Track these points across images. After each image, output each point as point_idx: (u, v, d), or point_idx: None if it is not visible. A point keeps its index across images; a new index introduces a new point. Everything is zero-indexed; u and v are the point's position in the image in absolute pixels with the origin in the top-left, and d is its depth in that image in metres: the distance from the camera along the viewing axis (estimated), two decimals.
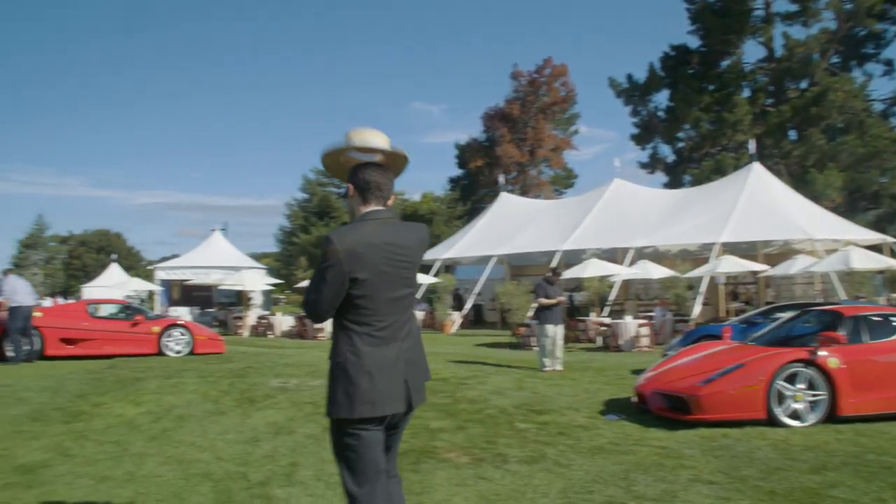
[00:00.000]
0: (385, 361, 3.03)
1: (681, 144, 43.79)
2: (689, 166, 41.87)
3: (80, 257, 74.18)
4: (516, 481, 5.35)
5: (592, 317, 21.89)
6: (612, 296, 23.92)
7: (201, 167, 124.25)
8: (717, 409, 7.12)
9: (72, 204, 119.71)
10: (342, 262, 2.96)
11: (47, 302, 32.41)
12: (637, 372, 11.61)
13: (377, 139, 3.25)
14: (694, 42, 42.10)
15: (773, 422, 7.03)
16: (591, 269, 21.78)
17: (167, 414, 7.96)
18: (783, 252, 24.38)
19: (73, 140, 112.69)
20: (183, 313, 28.33)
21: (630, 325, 18.33)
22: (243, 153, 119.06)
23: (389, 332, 3.08)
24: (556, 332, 12.31)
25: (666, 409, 7.58)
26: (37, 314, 14.01)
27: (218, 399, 8.84)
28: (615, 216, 27.61)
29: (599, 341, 19.77)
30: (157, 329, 14.79)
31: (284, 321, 25.70)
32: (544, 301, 12.32)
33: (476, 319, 31.82)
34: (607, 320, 20.33)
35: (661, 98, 44.05)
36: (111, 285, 35.23)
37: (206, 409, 8.20)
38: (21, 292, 13.50)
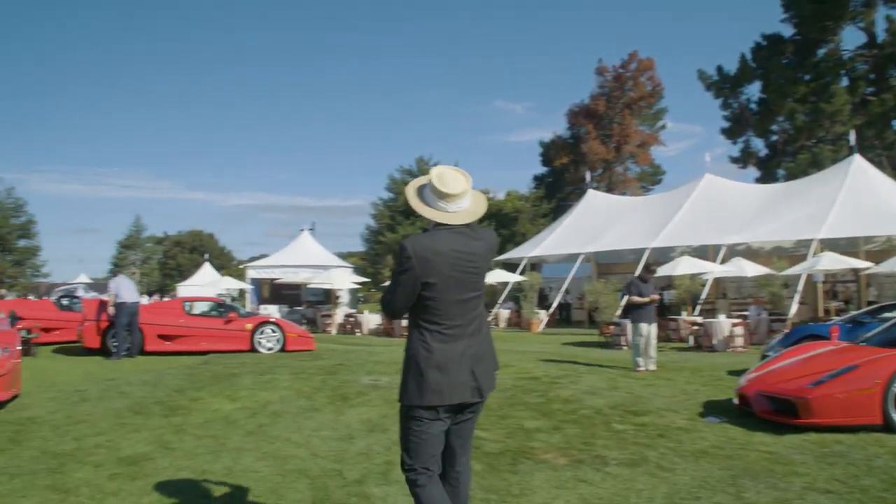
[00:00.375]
0: (453, 356, 3.31)
1: (774, 138, 42.33)
2: (783, 160, 40.36)
3: (175, 257, 76.77)
4: (618, 485, 5.16)
5: (683, 315, 21.30)
6: (704, 294, 23.28)
7: (290, 169, 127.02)
8: (828, 414, 6.73)
9: (166, 206, 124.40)
10: (415, 267, 3.25)
11: (144, 300, 33.64)
12: (734, 373, 11.22)
13: (458, 183, 3.44)
14: (788, 30, 40.56)
15: (890, 428, 6.59)
16: (683, 266, 21.20)
17: (262, 409, 8.05)
18: (887, 248, 23.18)
19: (166, 144, 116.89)
20: (272, 311, 28.95)
21: (724, 324, 17.73)
22: (330, 155, 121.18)
23: (458, 331, 3.36)
24: (649, 331, 11.98)
25: (771, 412, 7.22)
26: None
27: (311, 396, 8.91)
28: (706, 212, 26.90)
29: (691, 341, 19.21)
30: (249, 326, 15.07)
31: (371, 319, 25.94)
32: (637, 299, 12.01)
33: (562, 318, 31.56)
34: (699, 319, 19.75)
35: (753, 90, 42.77)
36: (204, 284, 36.30)
37: (299, 406, 8.27)
38: (125, 290, 13.98)
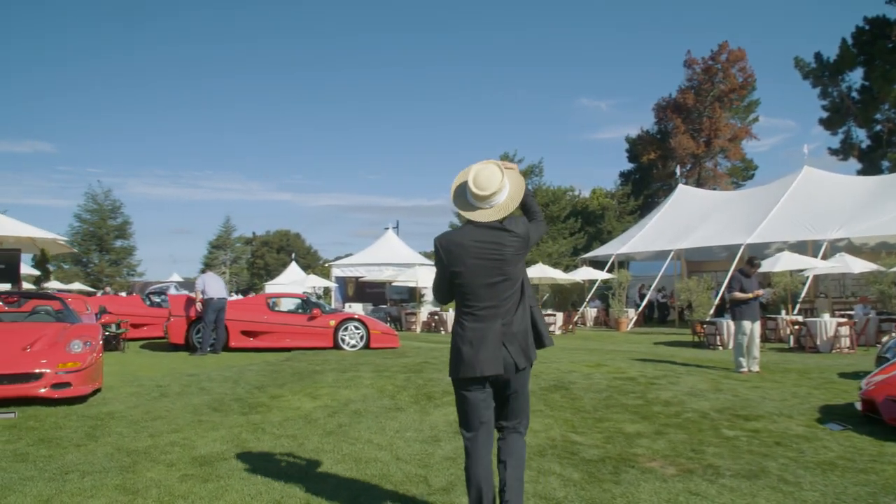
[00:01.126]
0: (486, 334, 3.64)
1: (878, 127, 40.08)
2: (889, 151, 38.17)
3: (263, 257, 78.44)
4: (737, 500, 4.54)
5: (783, 314, 20.16)
6: (805, 292, 22.05)
7: (376, 171, 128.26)
8: None
9: (255, 207, 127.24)
10: (443, 258, 3.77)
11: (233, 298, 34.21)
12: (845, 376, 10.41)
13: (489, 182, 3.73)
14: (893, 13, 38.36)
15: None
16: (783, 262, 20.05)
17: (343, 408, 7.70)
18: None
19: (257, 147, 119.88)
20: (357, 309, 28.90)
21: (829, 323, 16.62)
22: (416, 155, 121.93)
23: (490, 312, 3.68)
24: (752, 329, 11.18)
25: None
26: None
27: (394, 395, 8.53)
28: (805, 207, 25.54)
29: (791, 341, 18.12)
30: (333, 323, 14.86)
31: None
32: (739, 295, 11.20)
33: (652, 317, 30.67)
34: (800, 318, 18.64)
35: (855, 77, 40.61)
36: (290, 283, 36.69)
37: (382, 405, 7.88)
38: (211, 287, 13.97)
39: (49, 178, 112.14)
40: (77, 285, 44.82)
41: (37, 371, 7.61)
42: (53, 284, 41.44)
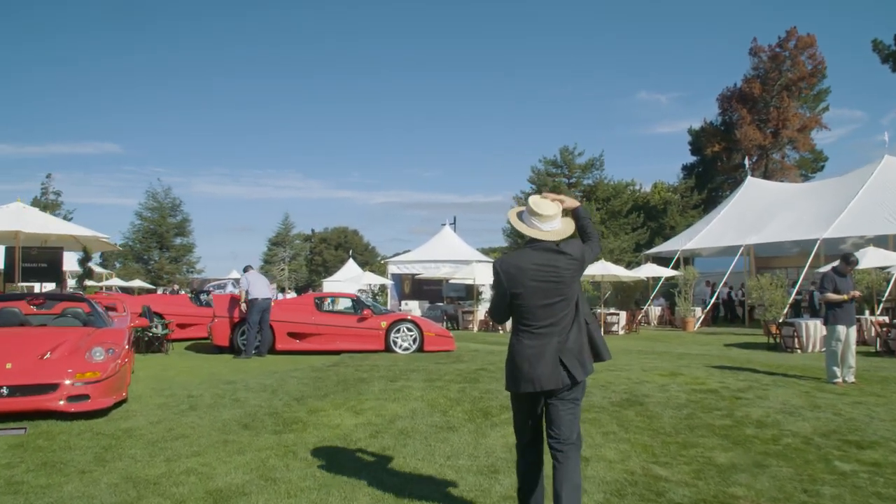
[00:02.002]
0: (544, 351, 3.76)
1: None
2: None
3: (321, 253, 78.54)
4: None
5: (867, 315, 18.70)
6: (889, 291, 20.55)
7: (434, 167, 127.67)
8: None
9: (314, 204, 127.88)
10: (503, 281, 3.90)
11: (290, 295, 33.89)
12: None
13: (547, 208, 3.98)
14: None
15: None
16: (869, 259, 18.62)
17: (388, 427, 6.82)
18: None
19: (316, 147, 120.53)
20: (413, 307, 28.15)
21: None
22: (473, 152, 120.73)
23: (547, 330, 3.81)
24: (848, 334, 9.98)
25: None
26: None
27: (447, 409, 7.61)
28: (886, 198, 24.02)
29: (878, 344, 16.71)
30: (384, 324, 14.06)
31: None
32: (833, 297, 10.00)
33: (718, 315, 29.34)
34: (886, 319, 17.22)
35: None
36: (347, 279, 36.29)
37: (432, 423, 6.97)
38: (256, 286, 13.33)
39: (115, 178, 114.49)
40: (137, 282, 45.24)
41: (52, 382, 6.92)
42: (114, 282, 41.88)
